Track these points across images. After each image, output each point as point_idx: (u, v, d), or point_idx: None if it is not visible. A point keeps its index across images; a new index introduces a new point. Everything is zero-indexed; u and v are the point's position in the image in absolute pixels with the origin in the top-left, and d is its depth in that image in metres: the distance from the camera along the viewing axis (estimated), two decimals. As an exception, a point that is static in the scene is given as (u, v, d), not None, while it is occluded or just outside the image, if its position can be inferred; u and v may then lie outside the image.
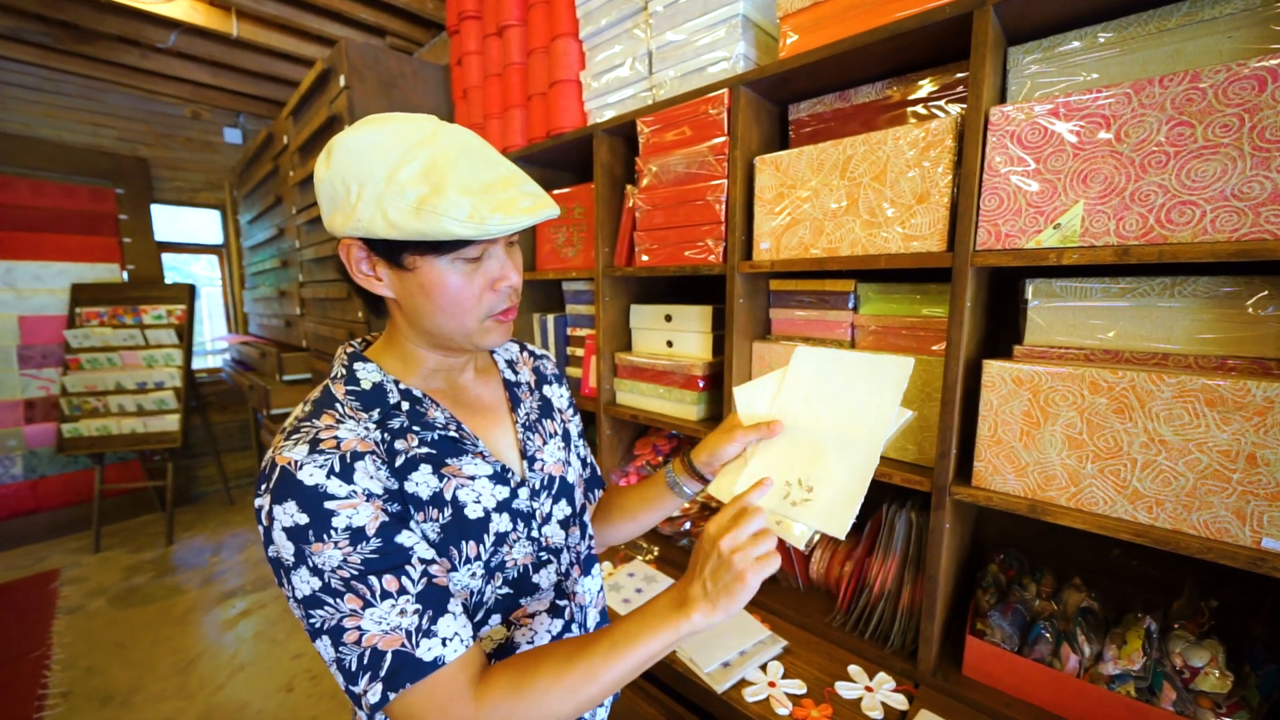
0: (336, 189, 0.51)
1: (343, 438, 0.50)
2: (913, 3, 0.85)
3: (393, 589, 0.48)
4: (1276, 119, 0.59)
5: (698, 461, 0.71)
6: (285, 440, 0.50)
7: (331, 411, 0.53)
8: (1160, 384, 0.68)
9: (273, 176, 2.80)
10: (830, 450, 0.60)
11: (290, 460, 0.47)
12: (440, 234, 0.48)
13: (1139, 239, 0.68)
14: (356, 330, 1.93)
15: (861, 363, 0.63)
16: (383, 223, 0.49)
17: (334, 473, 0.48)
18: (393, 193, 0.48)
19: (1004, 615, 0.89)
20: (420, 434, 0.56)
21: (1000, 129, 0.76)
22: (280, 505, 0.46)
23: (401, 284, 0.55)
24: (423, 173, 0.49)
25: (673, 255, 1.22)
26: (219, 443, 3.85)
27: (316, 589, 0.46)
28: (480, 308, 0.56)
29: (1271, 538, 0.63)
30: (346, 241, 0.53)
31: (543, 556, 0.63)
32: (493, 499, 0.58)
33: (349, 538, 0.47)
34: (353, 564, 0.47)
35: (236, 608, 2.53)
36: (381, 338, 0.63)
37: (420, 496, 0.54)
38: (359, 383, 0.57)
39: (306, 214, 2.21)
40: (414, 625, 0.48)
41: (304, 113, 2.22)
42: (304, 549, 0.46)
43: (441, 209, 0.47)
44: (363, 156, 0.50)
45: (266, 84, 3.26)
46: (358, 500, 0.48)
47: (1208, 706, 0.73)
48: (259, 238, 3.22)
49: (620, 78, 1.33)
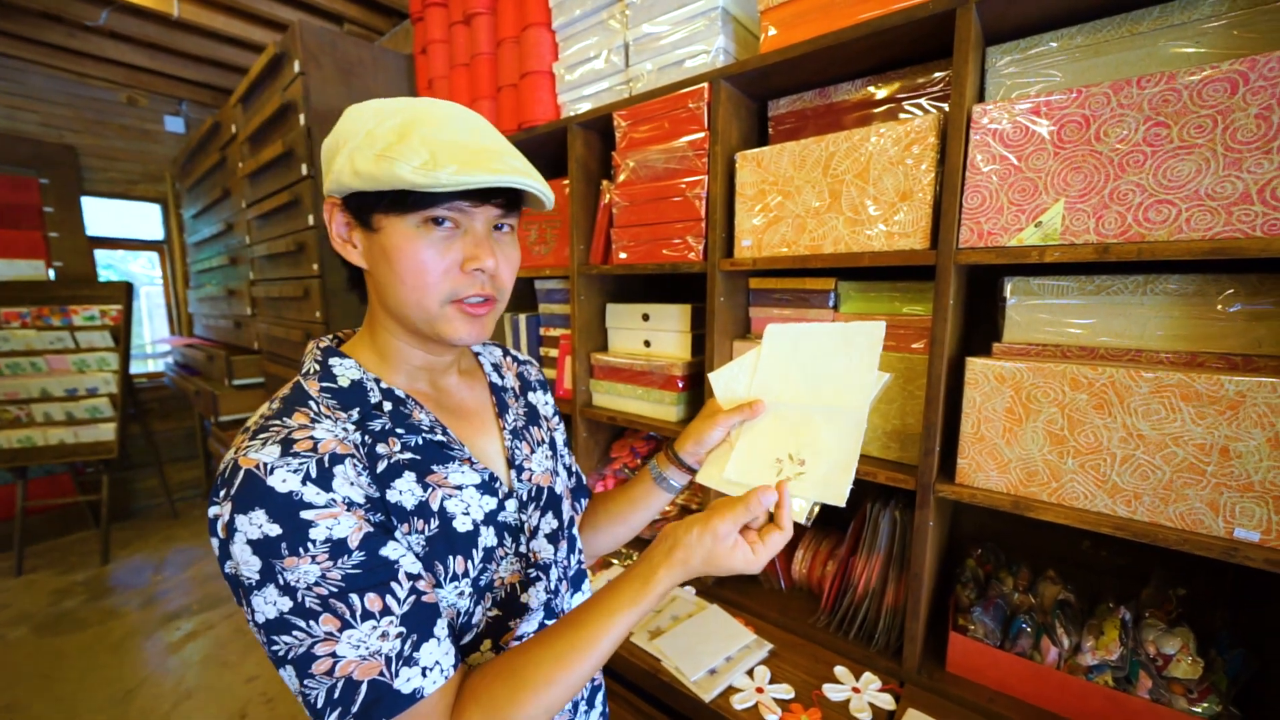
0: (330, 150, 0.51)
1: (319, 438, 0.45)
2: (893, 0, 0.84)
3: (375, 609, 0.43)
4: (1247, 121, 0.61)
5: (683, 451, 0.69)
6: (251, 440, 0.44)
7: (305, 409, 0.48)
8: (1138, 380, 0.69)
9: (220, 168, 2.63)
10: (817, 421, 0.60)
11: (258, 463, 0.42)
12: (390, 180, 0.45)
13: (1118, 237, 0.69)
14: (314, 331, 1.83)
15: (833, 332, 0.64)
16: (349, 172, 0.47)
17: (310, 478, 0.43)
18: (365, 143, 0.47)
19: (986, 610, 0.90)
20: (404, 438, 0.52)
21: (982, 127, 0.76)
22: (245, 515, 0.41)
23: (370, 249, 0.51)
24: (398, 126, 0.47)
25: (652, 253, 1.20)
26: (161, 453, 3.60)
27: (286, 610, 0.41)
28: (443, 286, 0.50)
29: (1243, 528, 0.65)
30: (330, 203, 0.52)
31: (531, 574, 0.59)
32: (480, 510, 0.54)
33: (329, 550, 0.42)
34: (332, 580, 0.42)
35: (182, 629, 2.36)
36: (360, 330, 0.59)
37: (404, 506, 0.49)
38: (335, 379, 0.52)
39: (258, 208, 2.08)
40: (395, 651, 0.43)
41: (254, 100, 2.09)
42: (274, 564, 0.41)
43: (397, 154, 0.45)
44: (359, 116, 0.50)
45: (211, 70, 3.06)
46: (338, 509, 0.43)
47: (1180, 692, 0.76)
48: (205, 233, 3.03)
49: (595, 70, 1.29)
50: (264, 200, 2.04)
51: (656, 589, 0.49)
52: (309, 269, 1.80)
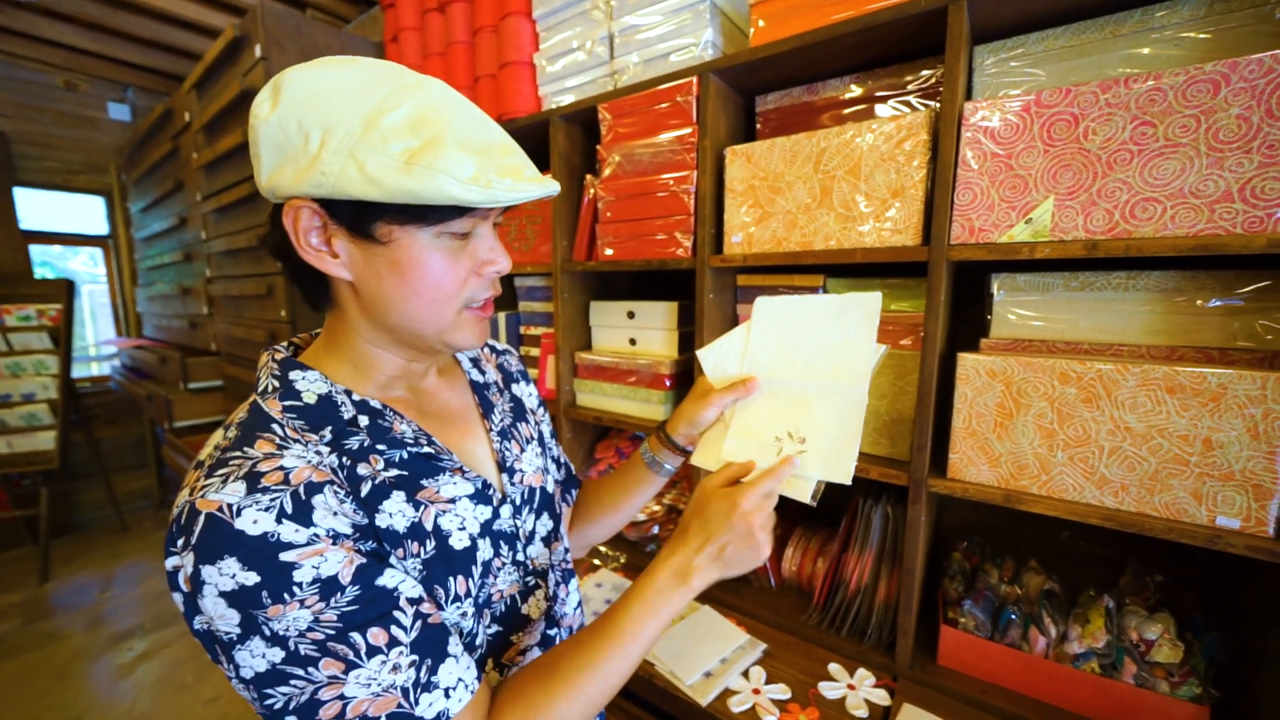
0: (288, 135, 0.40)
1: (290, 467, 0.40)
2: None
3: (381, 642, 0.39)
4: (1229, 121, 0.63)
5: (675, 433, 0.67)
6: (208, 479, 0.38)
7: (268, 436, 0.42)
8: (1126, 373, 0.70)
9: (172, 159, 2.48)
10: (815, 398, 0.58)
11: (221, 504, 0.37)
12: (436, 196, 0.39)
13: (1106, 234, 0.70)
14: (279, 332, 1.73)
15: (828, 304, 0.61)
16: (358, 178, 0.39)
17: (286, 515, 0.38)
18: (373, 142, 0.39)
19: (977, 603, 0.91)
20: (386, 454, 0.47)
21: (974, 124, 0.77)
22: (212, 565, 0.36)
23: (367, 261, 0.44)
24: (411, 122, 0.40)
25: (639, 249, 1.17)
26: (108, 462, 3.37)
27: (278, 661, 0.36)
28: (462, 295, 0.47)
29: (1225, 515, 0.67)
30: (295, 204, 0.42)
31: (529, 582, 0.56)
32: (476, 523, 0.50)
33: (318, 591, 0.37)
34: (327, 622, 0.37)
35: (134, 650, 2.21)
36: (320, 338, 0.52)
37: (396, 530, 0.45)
38: (299, 396, 0.45)
39: (215, 200, 1.96)
40: (410, 680, 0.39)
41: (210, 87, 1.97)
42: (256, 615, 0.36)
43: (440, 165, 0.39)
44: (330, 97, 0.40)
45: (161, 54, 2.89)
46: (323, 545, 0.38)
47: (1162, 676, 0.78)
48: (155, 228, 2.84)
49: (578, 61, 1.26)
50: (222, 193, 1.92)
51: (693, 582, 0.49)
52: (272, 265, 1.71)
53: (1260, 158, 0.62)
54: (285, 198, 0.43)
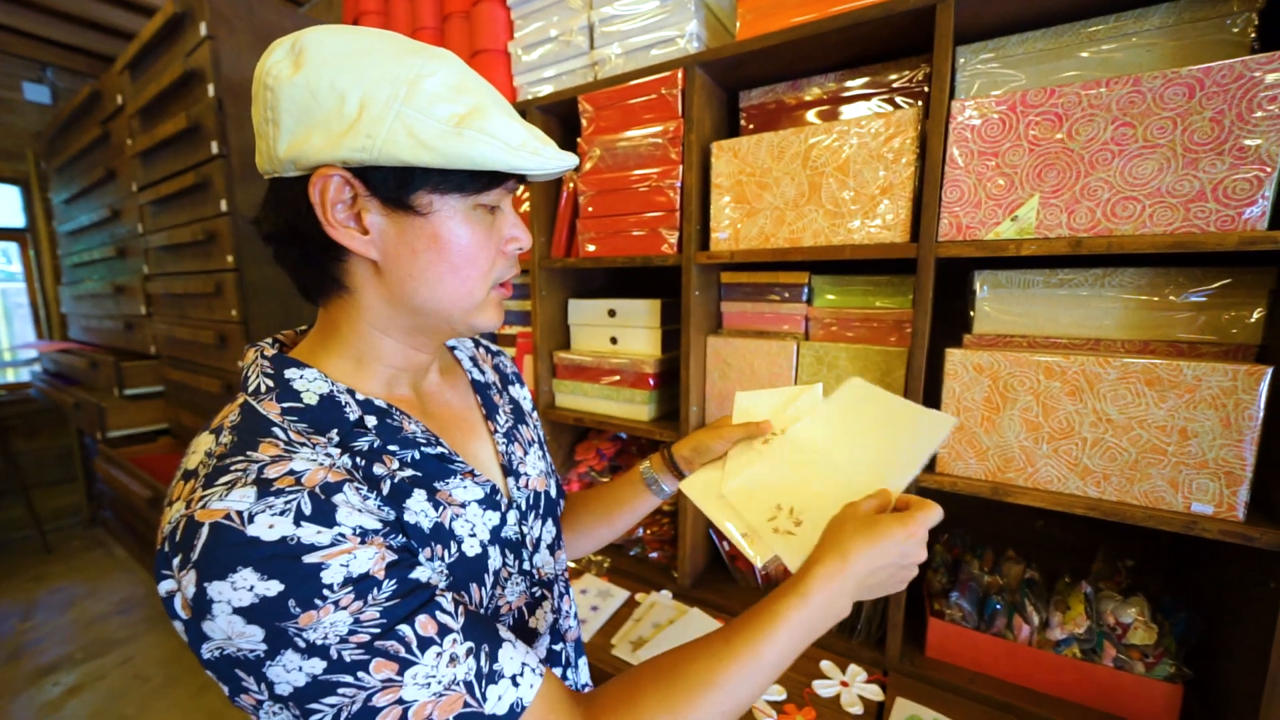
0: (319, 98, 0.37)
1: (301, 470, 0.36)
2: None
3: (432, 632, 0.35)
4: (1203, 124, 0.66)
5: (679, 456, 0.66)
6: (207, 489, 0.34)
7: (271, 440, 0.38)
8: (1107, 367, 0.73)
9: (102, 145, 2.28)
10: (838, 491, 0.55)
11: (228, 512, 0.33)
12: (491, 161, 0.39)
13: (1089, 231, 0.72)
14: (229, 333, 1.61)
15: (908, 410, 0.59)
16: (407, 141, 0.37)
17: (305, 516, 0.34)
18: (419, 105, 0.37)
19: (963, 594, 0.93)
20: (399, 453, 0.43)
21: (961, 123, 0.78)
22: (223, 581, 0.32)
23: (400, 236, 0.41)
24: (452, 87, 0.39)
25: (622, 245, 1.14)
26: (28, 476, 3.08)
27: (320, 672, 0.32)
28: (494, 271, 0.46)
29: (1199, 502, 0.70)
30: (325, 173, 0.39)
31: (536, 593, 0.53)
32: (485, 529, 0.47)
33: (354, 591, 0.34)
34: (370, 621, 0.34)
35: (62, 684, 2.02)
36: (315, 333, 0.48)
37: (422, 529, 0.42)
38: (298, 397, 0.42)
39: (154, 191, 1.81)
40: (472, 672, 0.36)
41: (147, 67, 1.82)
42: (285, 628, 0.32)
43: (491, 129, 0.38)
44: (363, 60, 0.38)
45: (86, 32, 2.66)
46: (349, 544, 0.35)
47: (1137, 658, 0.81)
48: (82, 221, 2.61)
49: (555, 51, 1.22)
50: (162, 183, 1.78)
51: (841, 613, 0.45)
52: (222, 261, 1.59)
53: (1231, 159, 0.65)
54: (311, 167, 0.39)
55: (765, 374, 1.05)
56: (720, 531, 0.69)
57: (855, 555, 0.44)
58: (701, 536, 1.23)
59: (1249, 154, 0.63)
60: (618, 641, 1.01)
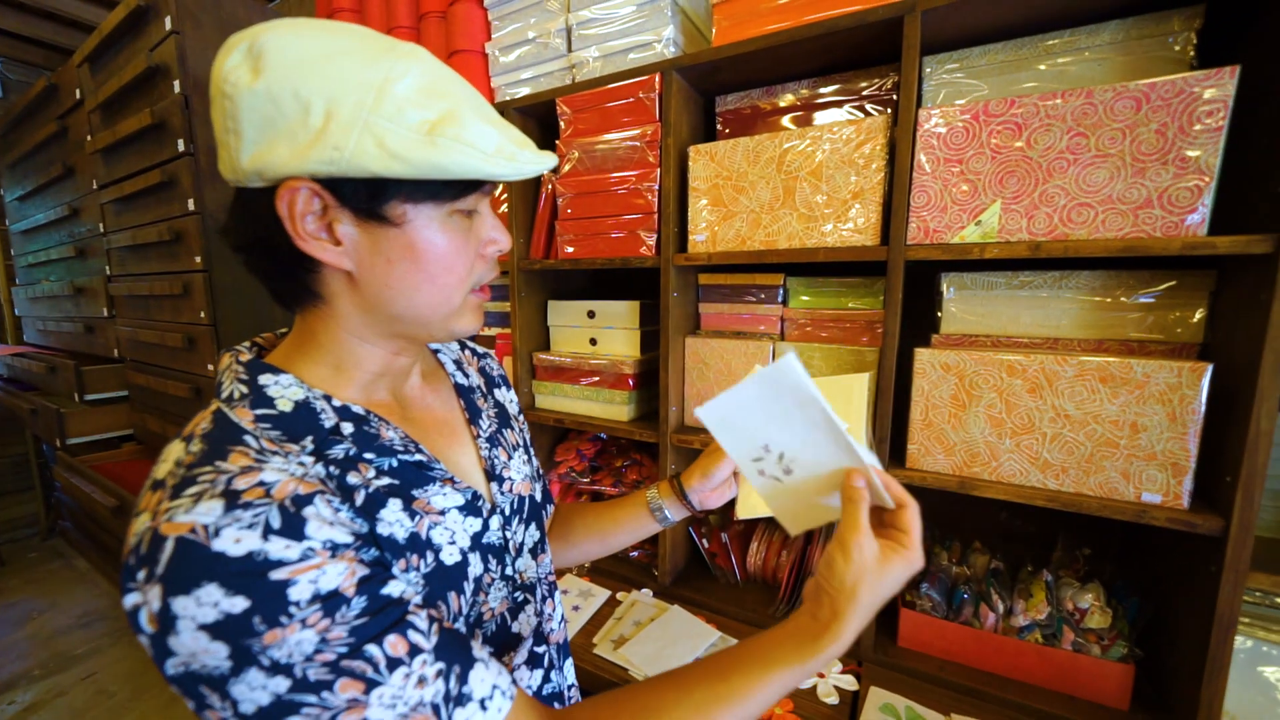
0: (282, 107, 0.36)
1: (271, 481, 0.35)
2: (844, 2, 0.87)
3: (401, 652, 0.35)
4: (1149, 135, 0.69)
5: (689, 487, 0.65)
6: (174, 500, 0.33)
7: (242, 448, 0.37)
8: (1064, 364, 0.76)
9: (59, 140, 2.19)
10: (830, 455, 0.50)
11: (194, 525, 0.32)
12: (463, 169, 0.38)
13: (1047, 236, 0.76)
14: (198, 335, 1.57)
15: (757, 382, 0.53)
16: (375, 153, 0.36)
17: (273, 530, 0.33)
18: (388, 113, 0.36)
19: (933, 585, 0.96)
20: (375, 462, 0.43)
21: (928, 130, 0.81)
22: (187, 596, 0.31)
23: (373, 246, 0.41)
24: (424, 89, 0.37)
25: (600, 247, 1.15)
26: (-20, 487, 2.94)
27: (284, 691, 0.32)
28: (471, 277, 0.45)
29: (1149, 492, 0.74)
30: (292, 185, 0.37)
31: (518, 597, 0.53)
32: (466, 536, 0.47)
33: (321, 609, 0.33)
34: (337, 640, 0.33)
35: (18, 702, 1.93)
36: (291, 338, 0.47)
37: (396, 540, 0.41)
38: (272, 403, 0.41)
39: (117, 189, 1.75)
40: (440, 694, 0.35)
41: (108, 61, 1.76)
42: (249, 645, 0.31)
43: (465, 137, 0.37)
44: (327, 64, 0.36)
45: (40, 22, 2.54)
46: (318, 559, 0.34)
47: (1094, 640, 0.85)
48: (38, 219, 2.51)
49: (533, 53, 1.22)
50: (125, 180, 1.72)
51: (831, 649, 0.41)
52: (189, 262, 1.54)
53: (1174, 169, 0.69)
54: (277, 179, 0.38)
55: (742, 374, 1.07)
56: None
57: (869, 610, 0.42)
58: (682, 535, 1.24)
59: (1190, 164, 0.67)
60: (599, 640, 1.02)
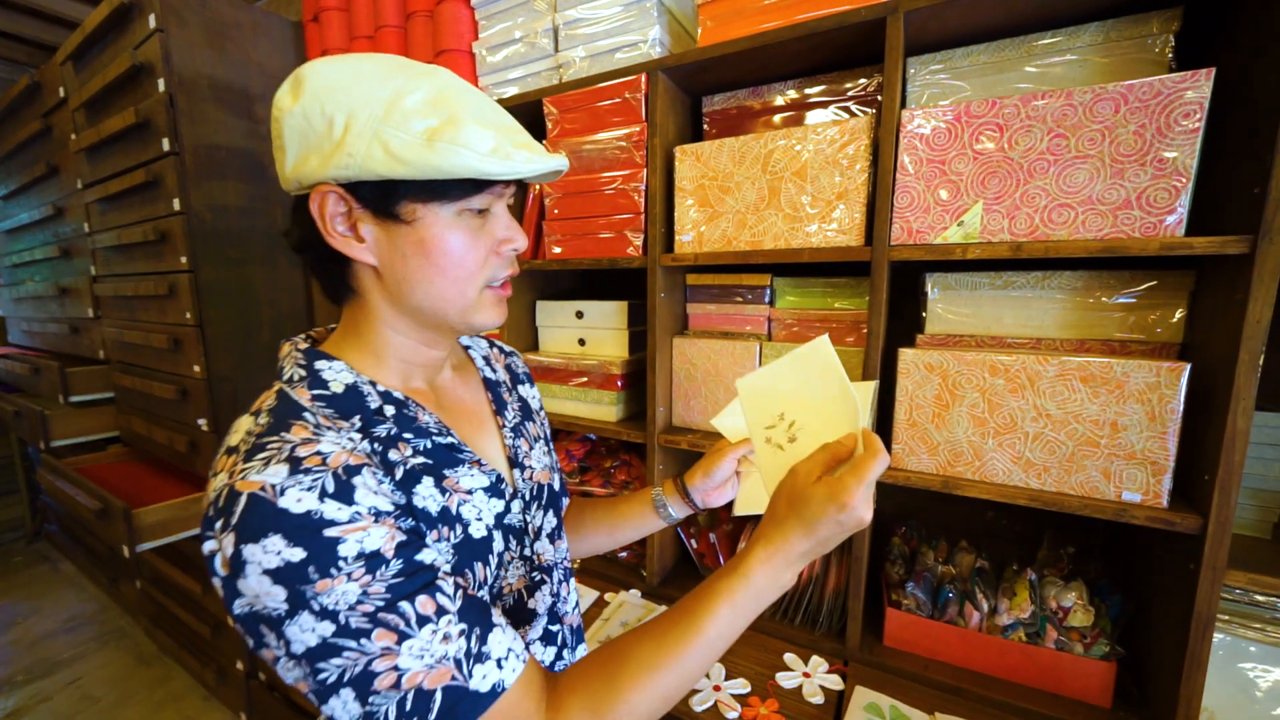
0: (313, 123, 0.43)
1: (327, 452, 0.41)
2: (827, 3, 0.88)
3: (430, 611, 0.39)
4: (1127, 136, 0.70)
5: (691, 485, 0.69)
6: (246, 462, 0.39)
7: (302, 422, 0.43)
8: (1046, 364, 0.77)
9: (43, 139, 2.16)
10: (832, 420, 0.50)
11: (264, 484, 0.38)
12: (460, 169, 0.42)
13: (1028, 236, 0.76)
14: (183, 336, 1.55)
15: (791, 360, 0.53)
16: (383, 157, 0.42)
17: (328, 494, 0.39)
18: (395, 121, 0.41)
19: (918, 584, 0.96)
20: (413, 442, 0.48)
21: (910, 131, 0.81)
22: (256, 544, 0.36)
23: (391, 243, 0.46)
24: (429, 102, 0.43)
25: (588, 247, 1.15)
26: (-36, 490, 2.90)
27: (329, 635, 0.37)
28: (484, 273, 0.49)
29: (1129, 491, 0.75)
30: (321, 190, 0.44)
31: (535, 577, 0.57)
32: (490, 515, 0.52)
33: (364, 565, 0.38)
34: (376, 595, 0.38)
35: (2, 708, 1.91)
36: (339, 330, 0.53)
37: (430, 512, 0.46)
38: (327, 385, 0.47)
39: (101, 189, 1.73)
40: (462, 651, 0.40)
41: (91, 59, 1.74)
42: (303, 590, 0.37)
43: (461, 139, 0.41)
44: (351, 85, 0.43)
45: (22, 18, 2.51)
46: (364, 522, 0.39)
47: (1077, 639, 0.86)
48: (21, 219, 2.47)
49: (520, 53, 1.22)
50: (110, 180, 1.70)
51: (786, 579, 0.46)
52: (175, 262, 1.53)
53: (1153, 170, 0.69)
54: (310, 185, 0.45)
55: (730, 375, 1.07)
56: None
57: (794, 535, 0.45)
58: (670, 535, 1.24)
59: (1167, 165, 0.68)
60: (588, 641, 1.01)
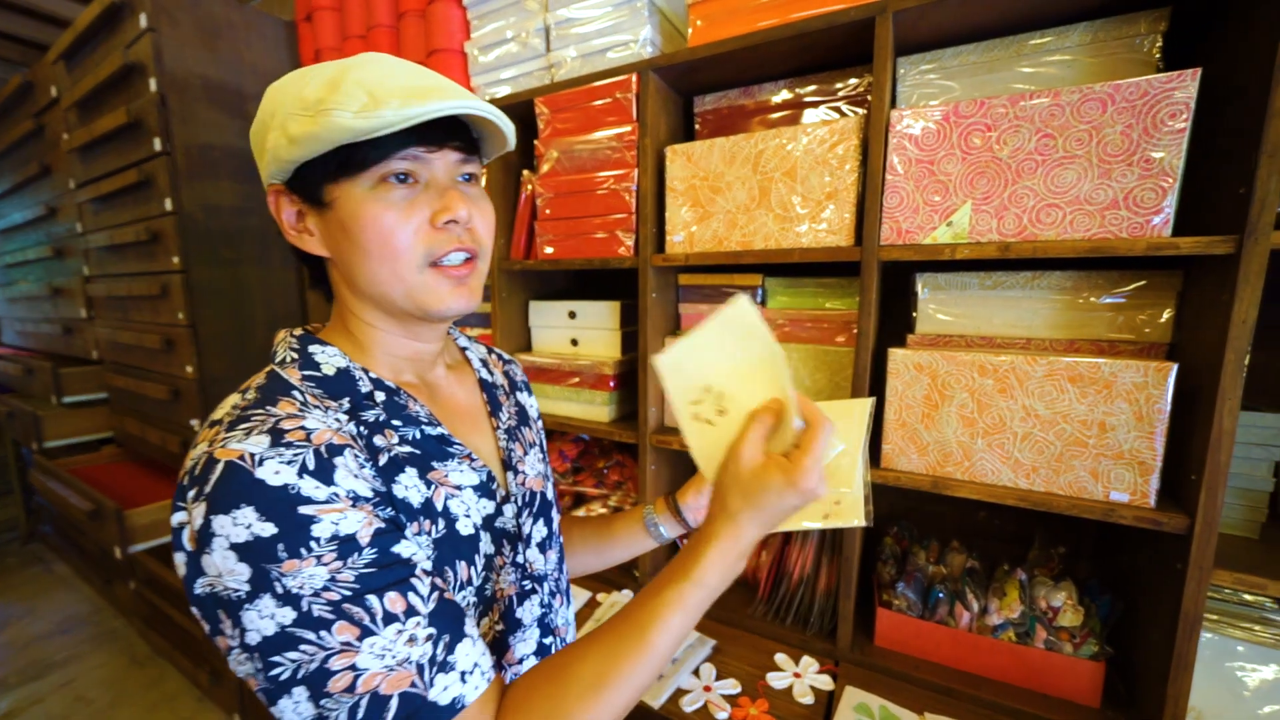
0: (258, 134, 0.46)
1: (312, 428, 0.40)
2: (818, 3, 0.87)
3: (398, 609, 0.37)
4: (1114, 136, 0.70)
5: (683, 503, 0.67)
6: (228, 431, 0.38)
7: (289, 399, 0.42)
8: (1034, 364, 0.77)
9: (36, 139, 2.16)
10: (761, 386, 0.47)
11: (243, 453, 0.36)
12: (335, 132, 0.41)
13: (1016, 236, 0.76)
14: (176, 336, 1.55)
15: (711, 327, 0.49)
16: (285, 143, 0.43)
17: (308, 470, 0.37)
18: (297, 107, 0.42)
19: (908, 584, 0.96)
20: (401, 430, 0.47)
21: (899, 131, 0.81)
22: (227, 515, 0.34)
23: (326, 230, 0.46)
24: (330, 79, 0.42)
25: (580, 247, 1.15)
26: (-43, 491, 2.89)
27: (289, 623, 0.34)
28: (417, 249, 0.45)
29: (1117, 490, 0.75)
30: (274, 191, 0.47)
31: (526, 586, 0.54)
32: (479, 514, 0.50)
33: (336, 550, 0.36)
34: (344, 582, 0.36)
35: (-5, 709, 1.90)
36: (330, 325, 0.53)
37: (411, 503, 0.44)
38: (319, 367, 0.46)
39: (94, 188, 1.73)
40: (426, 656, 0.37)
41: (83, 58, 1.73)
42: (268, 570, 0.34)
43: (333, 102, 0.41)
44: (284, 88, 0.45)
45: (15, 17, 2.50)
46: (342, 504, 0.37)
47: (1066, 639, 0.86)
48: (15, 218, 2.47)
49: (512, 53, 1.22)
50: (102, 180, 1.70)
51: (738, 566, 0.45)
52: (167, 262, 1.52)
53: (1139, 170, 0.69)
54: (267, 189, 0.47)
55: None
56: None
57: (748, 526, 0.44)
58: (663, 535, 1.24)
59: (1154, 165, 0.68)
60: (577, 642, 1.01)
